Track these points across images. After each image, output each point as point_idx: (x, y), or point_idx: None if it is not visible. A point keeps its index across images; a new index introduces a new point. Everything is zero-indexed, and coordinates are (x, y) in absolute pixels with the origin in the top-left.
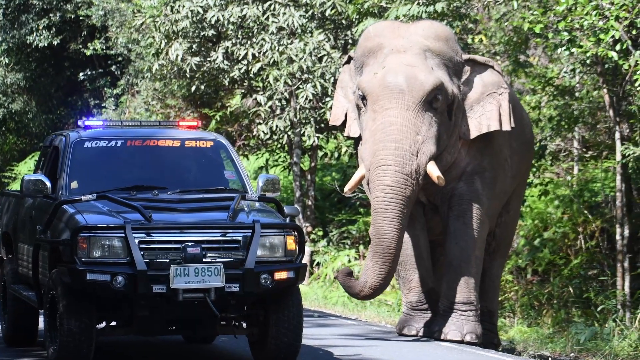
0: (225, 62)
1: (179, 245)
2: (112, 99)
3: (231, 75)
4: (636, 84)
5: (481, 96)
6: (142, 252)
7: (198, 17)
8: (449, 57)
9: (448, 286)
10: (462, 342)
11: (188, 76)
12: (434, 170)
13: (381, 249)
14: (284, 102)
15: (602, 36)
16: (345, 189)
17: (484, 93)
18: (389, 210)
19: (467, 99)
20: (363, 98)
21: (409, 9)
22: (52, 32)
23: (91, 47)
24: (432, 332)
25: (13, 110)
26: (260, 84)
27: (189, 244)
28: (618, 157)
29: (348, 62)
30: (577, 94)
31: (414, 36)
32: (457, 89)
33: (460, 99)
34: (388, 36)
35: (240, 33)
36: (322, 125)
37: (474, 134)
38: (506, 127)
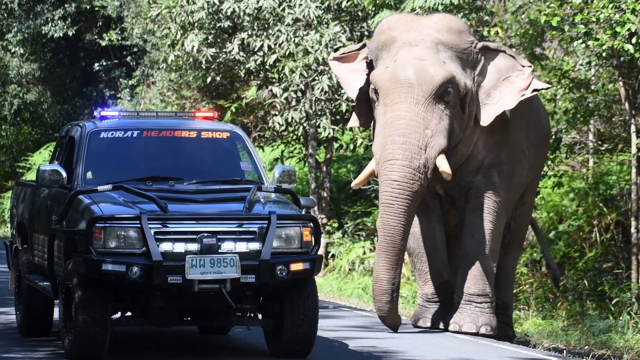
0: (241, 53)
1: (194, 236)
2: (128, 89)
3: (247, 66)
4: None
5: (497, 82)
6: (157, 243)
7: (214, 8)
8: (462, 49)
9: (463, 278)
10: (477, 334)
11: (204, 67)
12: (443, 164)
13: (386, 243)
14: (299, 94)
15: (618, 29)
16: (353, 183)
17: (500, 79)
18: (395, 205)
19: (482, 88)
20: (375, 92)
21: (425, 1)
22: (67, 22)
23: (107, 38)
24: (447, 324)
25: (28, 101)
26: (276, 76)
27: (205, 234)
28: (633, 150)
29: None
30: (592, 87)
31: (427, 29)
32: (472, 81)
33: (475, 90)
34: (401, 29)
35: (256, 24)
36: (338, 117)
37: (491, 117)
38: (539, 87)
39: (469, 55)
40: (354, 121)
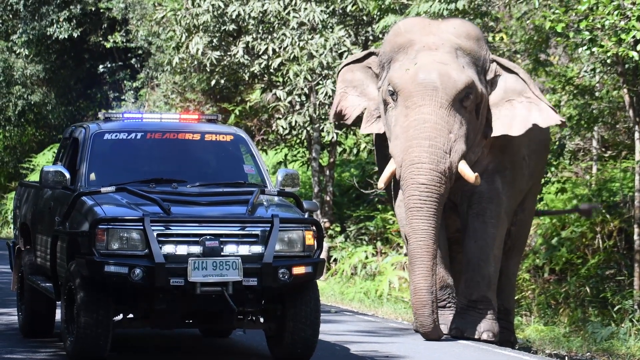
0: (246, 56)
1: (197, 239)
2: (132, 92)
3: (251, 70)
4: None
5: (500, 101)
6: (160, 245)
7: (219, 12)
8: (479, 57)
9: (466, 284)
10: (479, 340)
11: (208, 70)
12: (466, 170)
13: (420, 249)
14: (303, 98)
15: (623, 36)
16: (380, 184)
17: (504, 99)
18: (425, 208)
19: (491, 99)
20: (393, 94)
21: (430, 6)
22: (72, 24)
23: (111, 40)
24: (449, 329)
25: (32, 102)
26: (280, 79)
27: (208, 237)
28: (637, 157)
29: (361, 60)
30: (597, 94)
31: (445, 34)
32: (485, 89)
33: (487, 98)
34: (419, 33)
35: (261, 28)
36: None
37: (493, 134)
38: (514, 132)
39: (484, 63)
40: (373, 128)
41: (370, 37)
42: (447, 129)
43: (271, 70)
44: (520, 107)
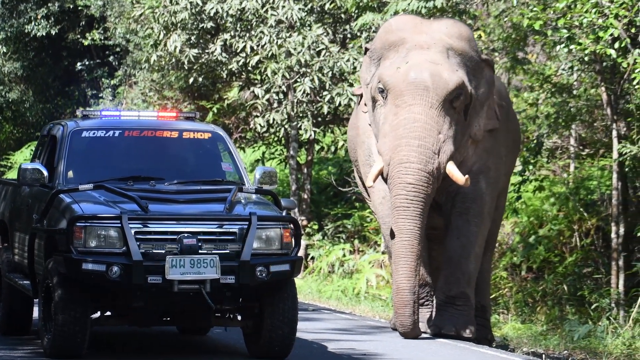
0: (224, 54)
1: (175, 237)
2: (110, 89)
3: (229, 67)
4: (634, 82)
5: (487, 99)
6: (138, 243)
7: (197, 9)
8: (469, 58)
9: (445, 280)
10: (456, 337)
11: (186, 68)
12: (455, 171)
13: (404, 248)
14: (281, 96)
15: (601, 34)
16: (370, 183)
17: (491, 96)
18: (411, 208)
19: (479, 99)
20: (382, 91)
21: (408, 4)
22: (50, 21)
23: (89, 37)
24: (427, 326)
25: (10, 100)
26: (258, 77)
27: (185, 235)
28: (615, 155)
29: (366, 52)
30: (574, 92)
31: (437, 33)
32: (474, 90)
33: (475, 99)
34: (410, 31)
35: (239, 25)
36: (319, 119)
37: (479, 135)
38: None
39: (474, 64)
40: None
41: (349, 35)
42: (436, 129)
43: (249, 68)
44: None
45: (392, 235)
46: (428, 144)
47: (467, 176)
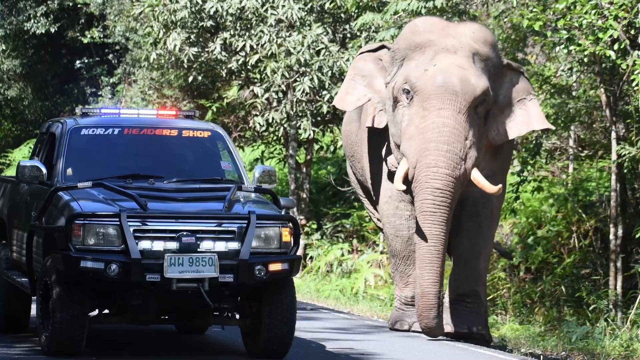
0: (223, 53)
1: (173, 235)
2: (109, 87)
3: (229, 66)
4: (633, 84)
5: (513, 101)
6: (136, 241)
7: (197, 8)
8: (493, 64)
9: (455, 278)
10: (468, 334)
11: (185, 66)
12: (479, 178)
13: (431, 254)
14: (280, 95)
15: (600, 35)
16: (399, 187)
17: (516, 98)
18: (438, 213)
19: (498, 104)
20: (408, 92)
21: (408, 4)
22: (49, 19)
23: (89, 35)
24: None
25: (9, 97)
26: (258, 76)
27: (184, 233)
28: (613, 156)
29: (375, 50)
30: (574, 93)
31: (464, 37)
32: (495, 95)
33: (495, 104)
34: (438, 33)
35: (238, 24)
36: (319, 118)
37: (503, 139)
38: (536, 126)
39: (496, 69)
40: (375, 121)
41: (348, 35)
42: (464, 134)
43: (249, 67)
44: (532, 104)
45: (419, 236)
46: (456, 149)
47: (500, 185)
